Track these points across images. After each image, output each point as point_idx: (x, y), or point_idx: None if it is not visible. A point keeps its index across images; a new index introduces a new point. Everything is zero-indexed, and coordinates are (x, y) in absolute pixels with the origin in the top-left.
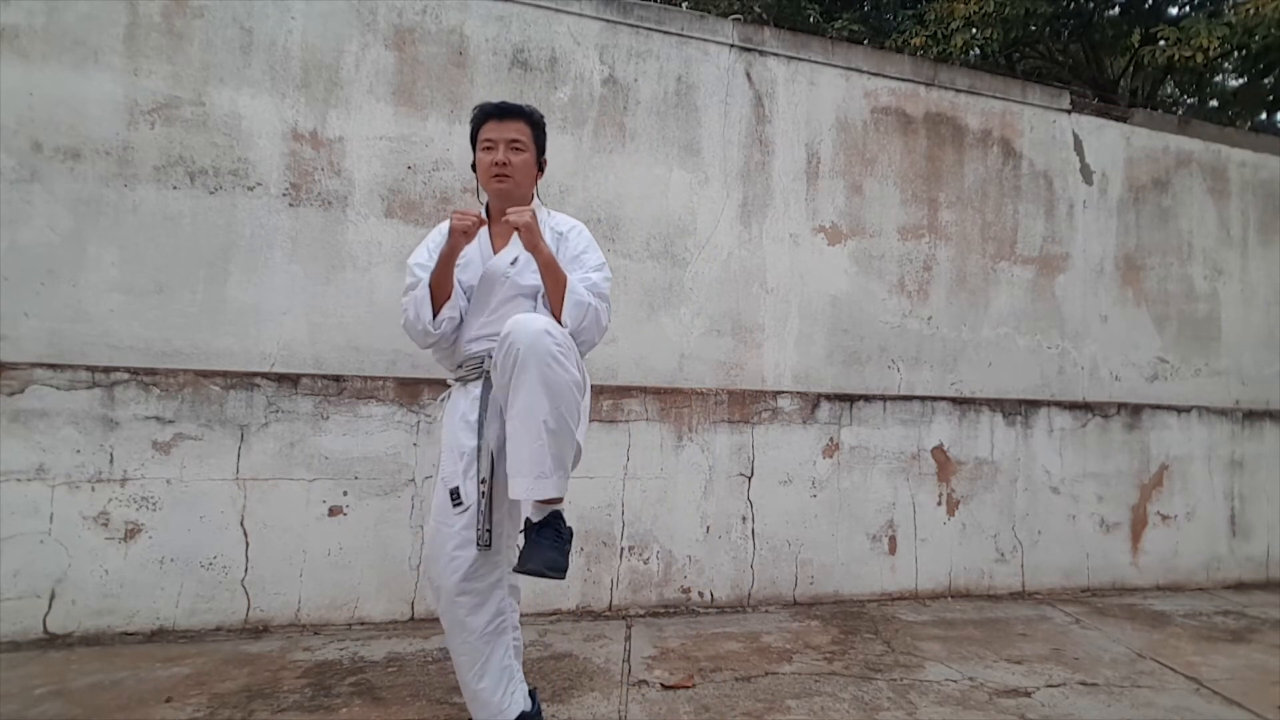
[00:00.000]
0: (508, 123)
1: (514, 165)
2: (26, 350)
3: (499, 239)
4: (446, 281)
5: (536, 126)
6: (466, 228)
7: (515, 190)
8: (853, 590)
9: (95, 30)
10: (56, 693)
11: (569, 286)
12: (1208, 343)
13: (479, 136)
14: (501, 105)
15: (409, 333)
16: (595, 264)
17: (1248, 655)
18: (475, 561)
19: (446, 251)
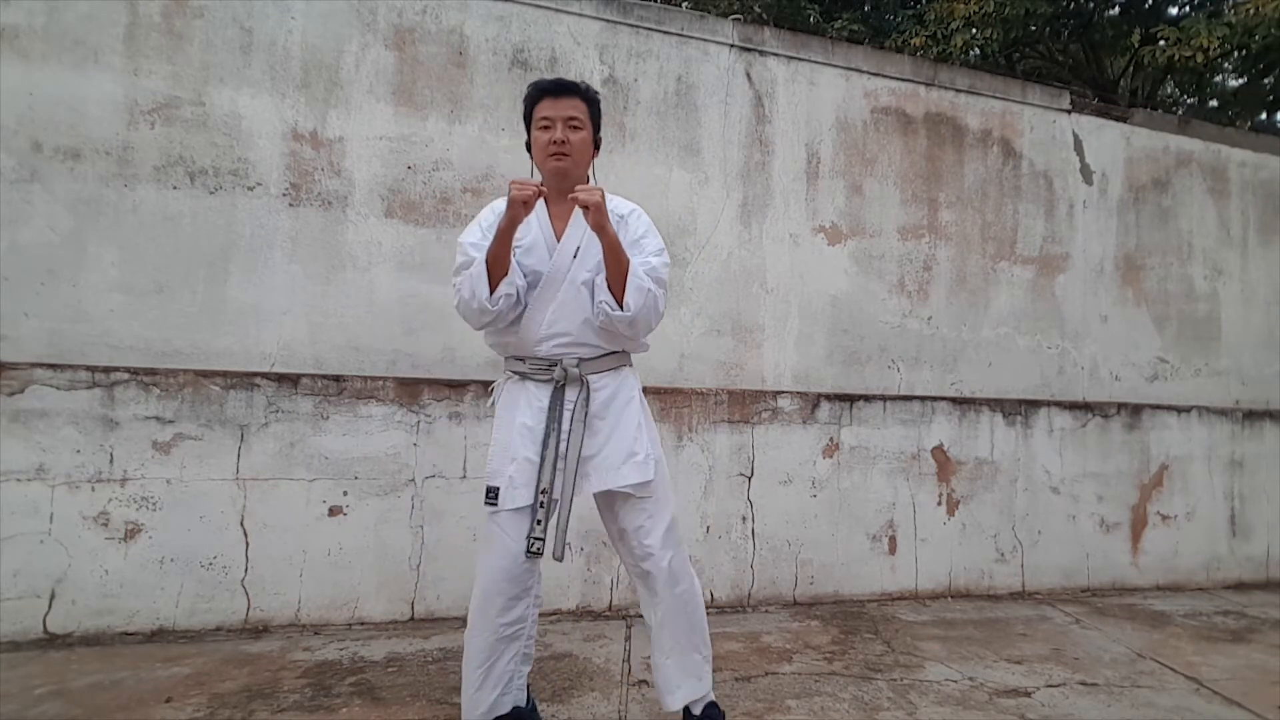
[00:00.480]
0: (564, 100)
1: (572, 143)
2: (26, 350)
3: (558, 220)
4: (504, 256)
5: (593, 104)
6: (527, 197)
7: (573, 169)
8: (853, 590)
9: (95, 30)
10: (56, 693)
11: (631, 271)
12: (1208, 343)
13: (534, 115)
14: (558, 82)
15: (463, 312)
16: (655, 249)
17: (1248, 655)
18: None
19: (505, 224)
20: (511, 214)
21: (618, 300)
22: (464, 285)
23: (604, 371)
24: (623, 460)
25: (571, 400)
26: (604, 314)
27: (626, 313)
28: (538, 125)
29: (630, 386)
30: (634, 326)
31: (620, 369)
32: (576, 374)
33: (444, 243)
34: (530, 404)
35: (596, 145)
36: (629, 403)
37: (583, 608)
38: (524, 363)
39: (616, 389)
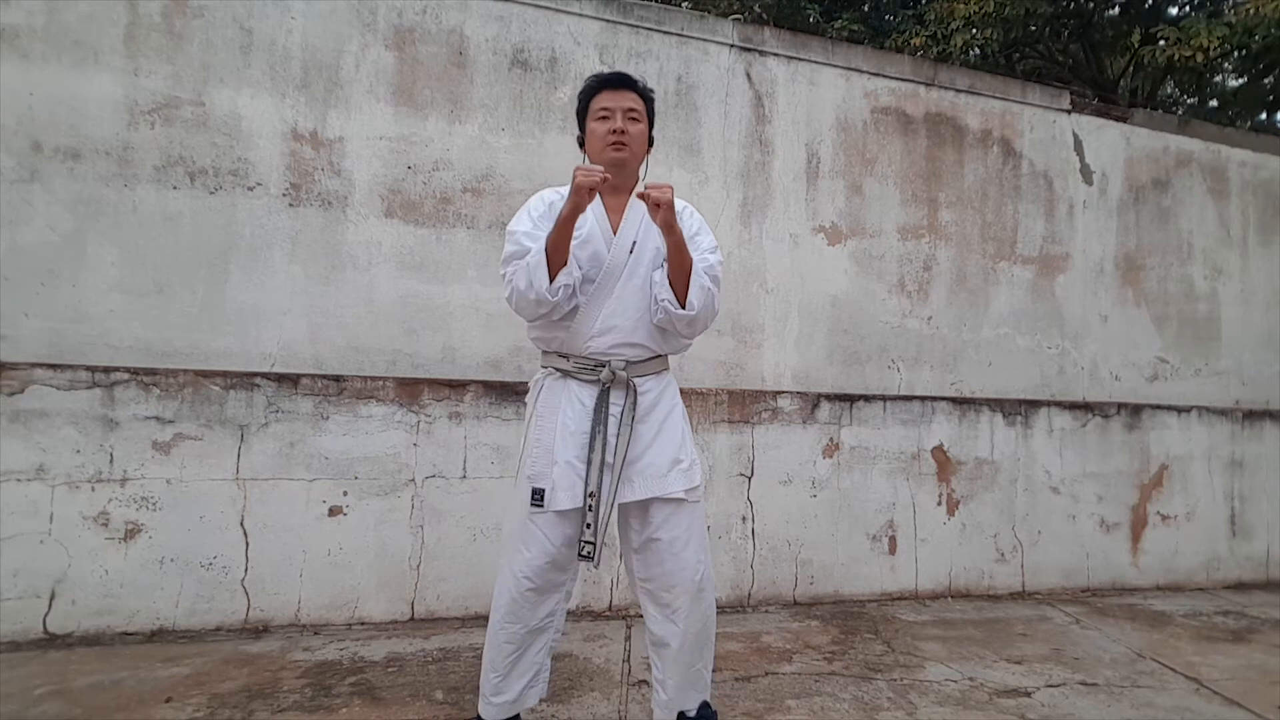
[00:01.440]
0: (623, 92)
1: (631, 135)
2: (26, 350)
3: (613, 212)
4: (564, 245)
5: (649, 101)
6: (594, 184)
7: (631, 161)
8: (853, 590)
9: (95, 30)
10: (56, 693)
11: (694, 270)
12: (1208, 343)
13: (591, 106)
14: (617, 75)
15: (516, 303)
16: (710, 246)
17: (1248, 655)
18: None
19: (568, 211)
20: (576, 200)
21: (679, 298)
22: (518, 275)
23: (649, 375)
24: (669, 467)
25: (617, 403)
26: (664, 312)
27: (689, 311)
28: (595, 116)
29: (673, 392)
30: (693, 325)
31: (663, 373)
32: (624, 376)
33: (444, 243)
34: (573, 404)
35: (650, 143)
36: (673, 409)
37: (583, 608)
38: (568, 360)
39: (660, 393)
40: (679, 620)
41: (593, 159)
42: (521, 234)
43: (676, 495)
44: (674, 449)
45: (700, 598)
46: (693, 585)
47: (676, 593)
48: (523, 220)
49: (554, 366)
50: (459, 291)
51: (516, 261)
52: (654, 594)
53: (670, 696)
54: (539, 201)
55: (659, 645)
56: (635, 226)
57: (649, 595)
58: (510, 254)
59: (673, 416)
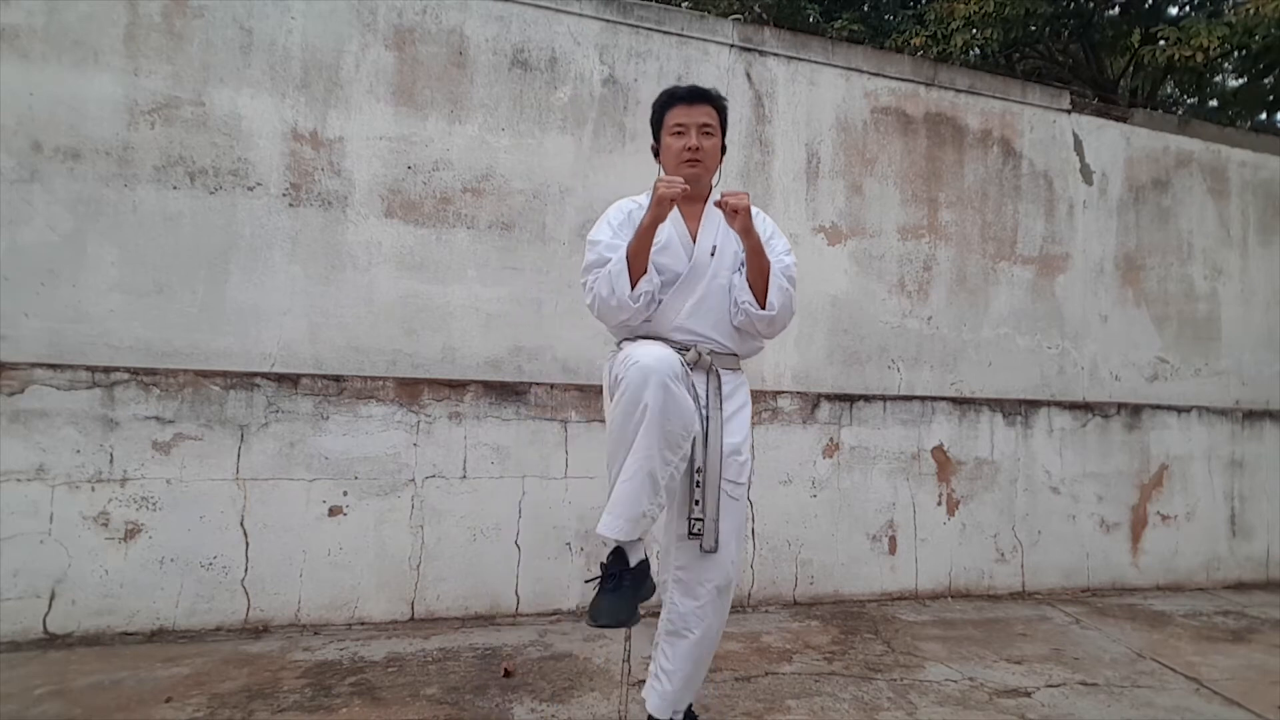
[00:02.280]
0: (697, 107)
1: (705, 150)
2: (26, 350)
3: (690, 219)
4: (645, 253)
5: (722, 111)
6: (675, 195)
7: (705, 175)
8: (853, 590)
9: (95, 30)
10: (56, 693)
11: (773, 271)
12: (1208, 343)
13: (666, 121)
14: (692, 89)
15: (599, 310)
16: (785, 249)
17: (1248, 655)
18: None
19: (649, 221)
20: (657, 211)
21: (759, 299)
22: (600, 283)
23: (728, 370)
24: (730, 454)
25: (701, 384)
26: (745, 314)
27: (769, 311)
28: (670, 131)
29: (746, 391)
30: (773, 325)
31: (738, 371)
32: (708, 360)
33: (444, 243)
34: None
35: (723, 149)
36: (745, 404)
37: (583, 608)
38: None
39: (737, 387)
40: (705, 613)
41: (668, 170)
42: (603, 244)
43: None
44: (739, 439)
45: (727, 593)
46: (725, 580)
47: (710, 586)
48: (603, 230)
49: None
50: (459, 291)
51: (598, 270)
52: (686, 583)
53: (675, 689)
54: (617, 211)
55: (677, 634)
56: (714, 232)
57: (680, 584)
58: (591, 263)
59: (744, 411)
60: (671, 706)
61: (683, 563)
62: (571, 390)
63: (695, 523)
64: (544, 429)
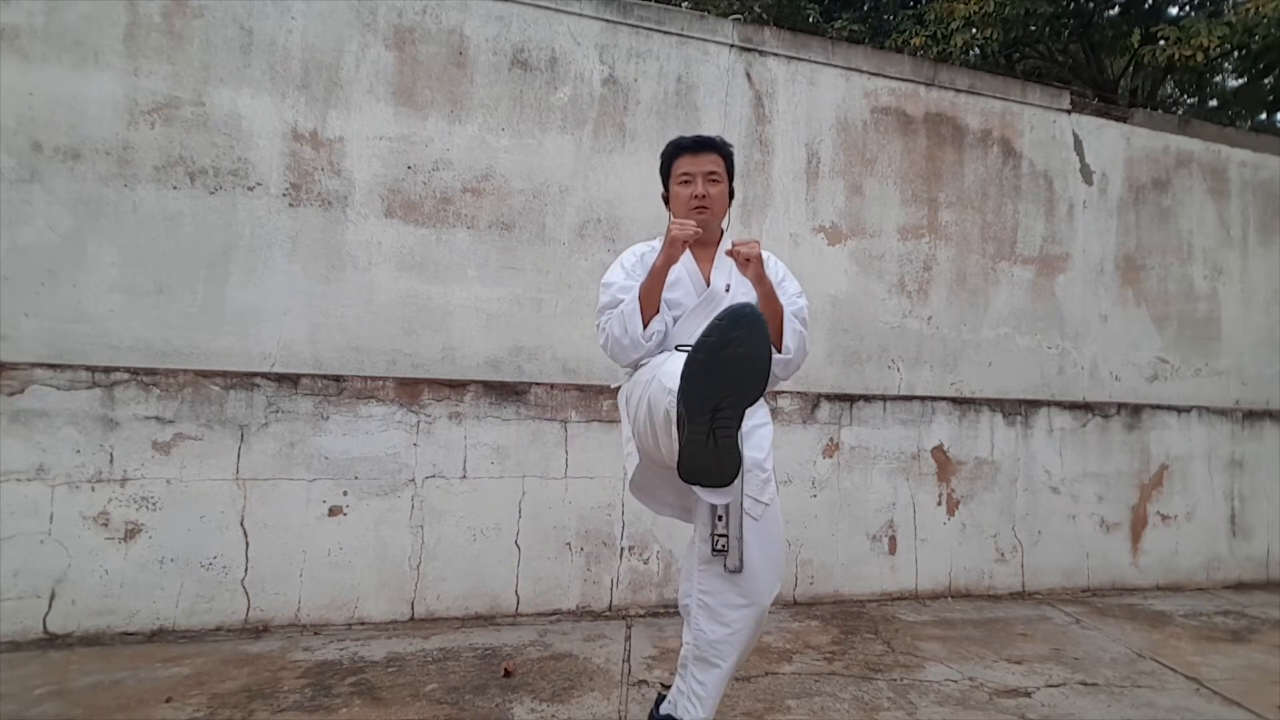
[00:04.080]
0: (703, 156)
1: (712, 197)
2: (26, 350)
3: (703, 262)
4: (657, 293)
5: (728, 158)
6: (688, 237)
7: (713, 220)
8: (853, 590)
9: (95, 30)
10: (56, 693)
11: (786, 317)
12: (1208, 343)
13: (673, 170)
14: (697, 139)
15: (612, 350)
16: (796, 291)
17: (1248, 655)
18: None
19: (662, 262)
20: (670, 253)
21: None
22: (613, 323)
23: None
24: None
25: None
26: None
27: (785, 355)
28: (677, 180)
29: (766, 410)
30: (788, 368)
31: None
32: None
33: (444, 243)
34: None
35: (731, 195)
36: (765, 423)
37: (583, 608)
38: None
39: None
40: (739, 640)
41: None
42: (616, 286)
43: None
44: (761, 455)
45: (761, 619)
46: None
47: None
48: (616, 273)
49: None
50: (459, 291)
51: (610, 311)
52: (712, 609)
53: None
54: (631, 255)
55: (707, 662)
56: (727, 272)
57: (706, 610)
58: (605, 304)
59: (765, 429)
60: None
61: (707, 587)
62: (571, 390)
63: (719, 539)
64: (544, 429)
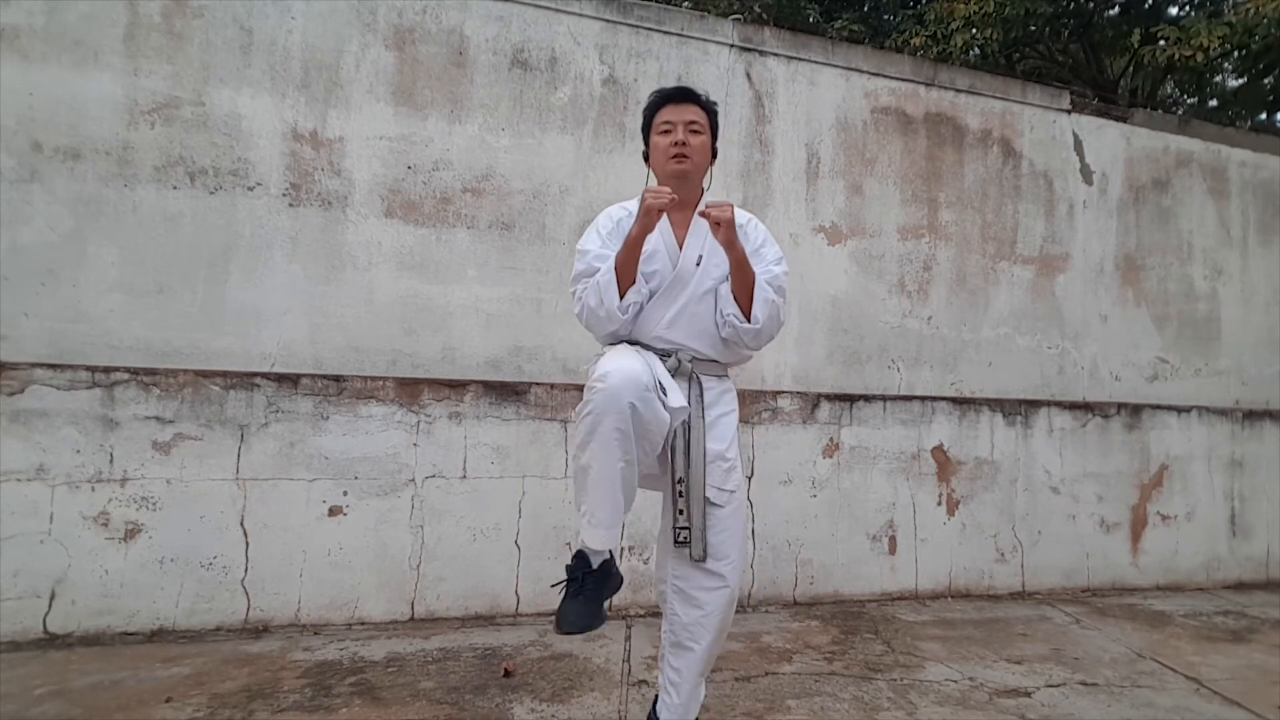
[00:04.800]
0: (685, 106)
1: (692, 146)
2: (26, 350)
3: (678, 227)
4: (633, 264)
5: (712, 114)
6: (663, 205)
7: (693, 173)
8: (853, 590)
9: (95, 30)
10: (56, 693)
11: (758, 283)
12: (1208, 343)
13: (654, 121)
14: (679, 89)
15: (587, 320)
16: (775, 258)
17: (1248, 655)
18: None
19: (637, 231)
20: (645, 221)
21: (744, 312)
22: (589, 293)
23: (710, 375)
24: (713, 458)
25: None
26: (731, 326)
27: (754, 324)
28: (658, 130)
29: (732, 395)
30: (759, 338)
31: (724, 377)
32: (689, 368)
33: (444, 243)
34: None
35: (714, 153)
36: (730, 411)
37: None
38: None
39: (721, 394)
40: (710, 623)
41: (656, 171)
42: (592, 254)
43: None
44: (723, 446)
45: (731, 601)
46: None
47: (720, 590)
48: (592, 239)
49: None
50: (459, 291)
51: (586, 279)
52: (685, 592)
53: (682, 702)
54: (607, 219)
55: (681, 646)
56: (700, 241)
57: (680, 594)
58: (580, 272)
59: (729, 417)
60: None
61: (679, 572)
62: (571, 390)
63: (681, 531)
64: (544, 429)
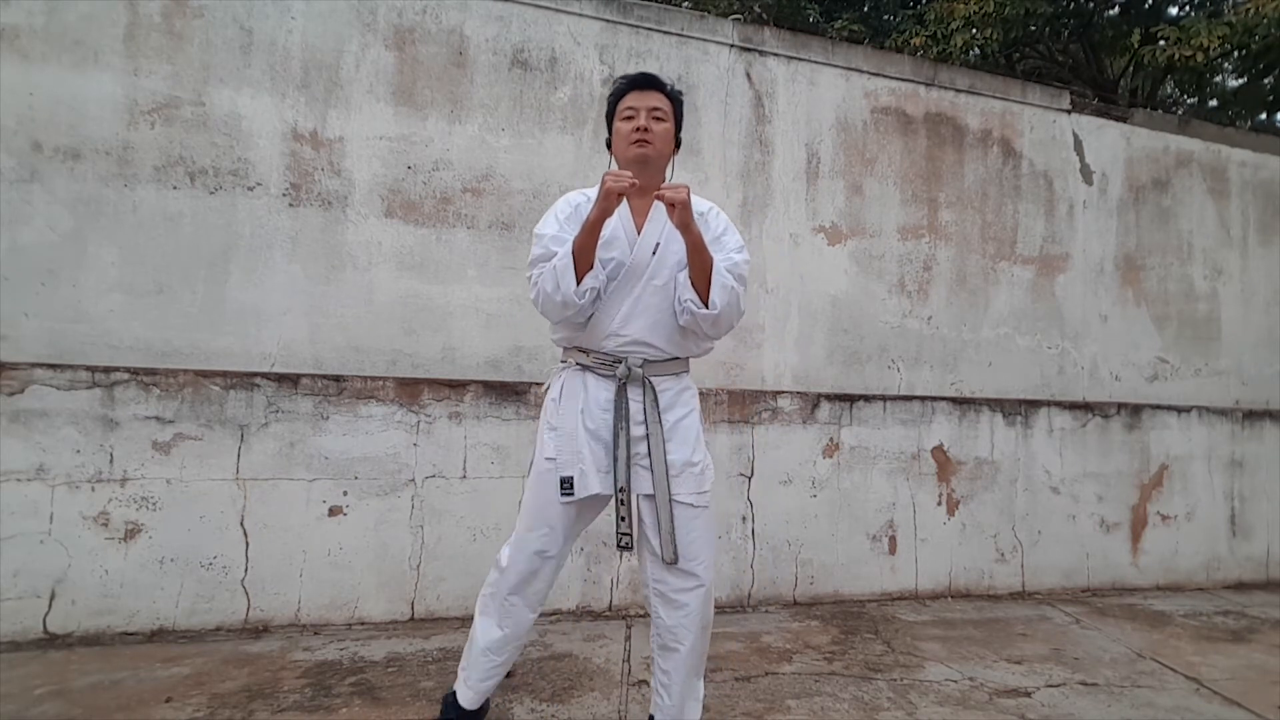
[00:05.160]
0: (649, 93)
1: (655, 132)
2: (26, 350)
3: (638, 214)
4: (591, 249)
5: (676, 102)
6: (623, 188)
7: (655, 159)
8: (853, 590)
9: (95, 30)
10: (56, 693)
11: (716, 269)
12: (1208, 343)
13: (618, 108)
14: (643, 75)
15: (543, 306)
16: (736, 245)
17: (1248, 655)
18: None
19: (596, 215)
20: (604, 205)
21: (702, 298)
22: (545, 278)
23: (666, 375)
24: (681, 469)
25: (636, 399)
26: (689, 312)
27: (712, 311)
28: (621, 116)
29: (691, 395)
30: (717, 325)
31: (681, 375)
32: (639, 374)
33: (444, 243)
34: (593, 399)
35: (677, 144)
36: (690, 411)
37: (583, 608)
38: (588, 355)
39: (678, 394)
40: (691, 623)
41: (618, 157)
42: (549, 237)
43: (687, 500)
44: (688, 451)
45: (707, 600)
46: (704, 591)
47: (694, 592)
48: (549, 223)
49: (574, 361)
50: (459, 291)
51: (543, 264)
52: (665, 595)
53: (674, 703)
54: (565, 204)
55: (668, 649)
56: (659, 228)
57: (661, 597)
58: (537, 257)
59: (689, 418)
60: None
61: (657, 576)
62: None
63: (623, 536)
64: None
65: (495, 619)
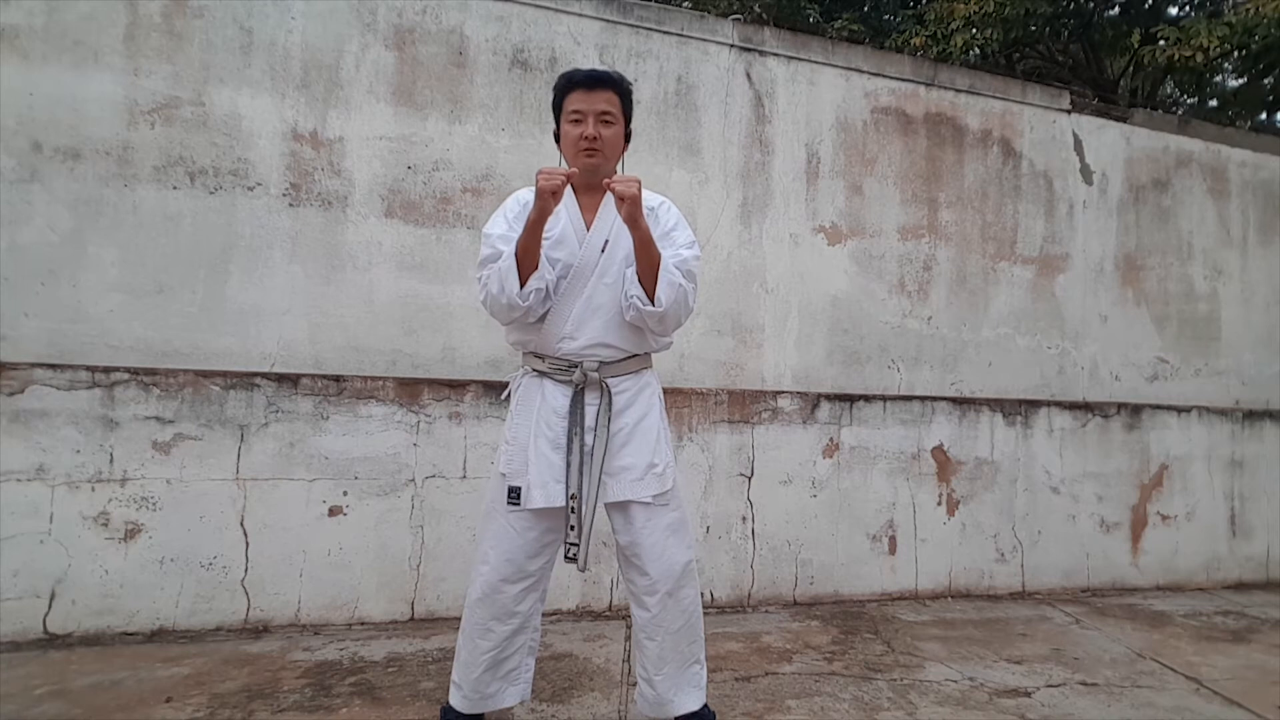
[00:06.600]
0: (597, 93)
1: (604, 139)
2: (26, 350)
3: (587, 210)
4: (534, 249)
5: (625, 96)
6: (555, 187)
7: (604, 165)
8: (853, 590)
9: (95, 30)
10: (56, 693)
11: (663, 265)
12: (1208, 343)
13: (564, 106)
14: (591, 74)
15: (491, 307)
16: (686, 241)
17: (1248, 655)
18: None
19: (535, 216)
20: (541, 205)
21: (649, 295)
22: (491, 280)
23: (625, 375)
24: (644, 471)
25: (593, 404)
26: (634, 309)
27: (658, 308)
28: (568, 118)
29: (651, 392)
30: (664, 322)
31: (641, 372)
32: (596, 378)
33: (444, 243)
34: (548, 405)
35: (627, 138)
36: (649, 411)
37: (583, 608)
38: (543, 361)
39: (637, 394)
40: (662, 619)
41: (567, 159)
42: (496, 237)
43: (645, 499)
44: (648, 452)
45: (678, 596)
46: (671, 585)
47: (656, 593)
48: (497, 223)
49: (531, 367)
50: (459, 291)
51: (490, 265)
52: (636, 594)
53: (659, 694)
54: (514, 202)
55: (641, 644)
56: (608, 225)
57: (632, 596)
58: (485, 258)
59: (649, 418)
60: (665, 708)
61: (627, 575)
62: None
63: (570, 547)
64: None
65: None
